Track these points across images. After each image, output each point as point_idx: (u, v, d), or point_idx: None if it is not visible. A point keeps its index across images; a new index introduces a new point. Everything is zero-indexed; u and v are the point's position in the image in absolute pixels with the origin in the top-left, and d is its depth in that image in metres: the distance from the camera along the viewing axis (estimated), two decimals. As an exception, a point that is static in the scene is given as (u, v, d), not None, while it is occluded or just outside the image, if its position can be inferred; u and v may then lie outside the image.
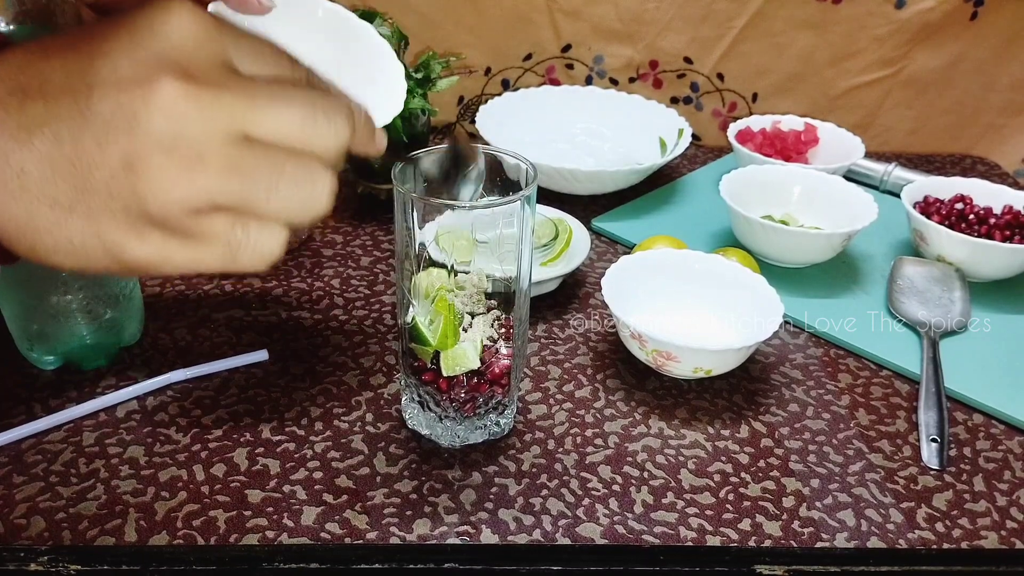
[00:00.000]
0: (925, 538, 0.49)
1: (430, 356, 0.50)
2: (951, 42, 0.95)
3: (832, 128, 0.88)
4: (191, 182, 0.29)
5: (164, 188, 0.29)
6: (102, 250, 0.30)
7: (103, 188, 0.29)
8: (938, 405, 0.58)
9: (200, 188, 0.29)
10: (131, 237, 0.30)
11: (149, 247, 0.30)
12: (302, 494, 0.50)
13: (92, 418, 0.54)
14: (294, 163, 0.31)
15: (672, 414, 0.58)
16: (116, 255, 0.31)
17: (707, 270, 0.64)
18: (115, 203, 0.29)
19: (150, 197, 0.29)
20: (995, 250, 0.70)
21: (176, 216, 0.30)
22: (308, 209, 0.32)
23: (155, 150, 0.29)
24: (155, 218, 0.30)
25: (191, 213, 0.30)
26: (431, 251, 0.48)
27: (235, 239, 0.31)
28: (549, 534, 0.48)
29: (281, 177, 0.31)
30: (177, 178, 0.29)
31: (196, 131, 0.29)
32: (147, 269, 0.31)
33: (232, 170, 0.30)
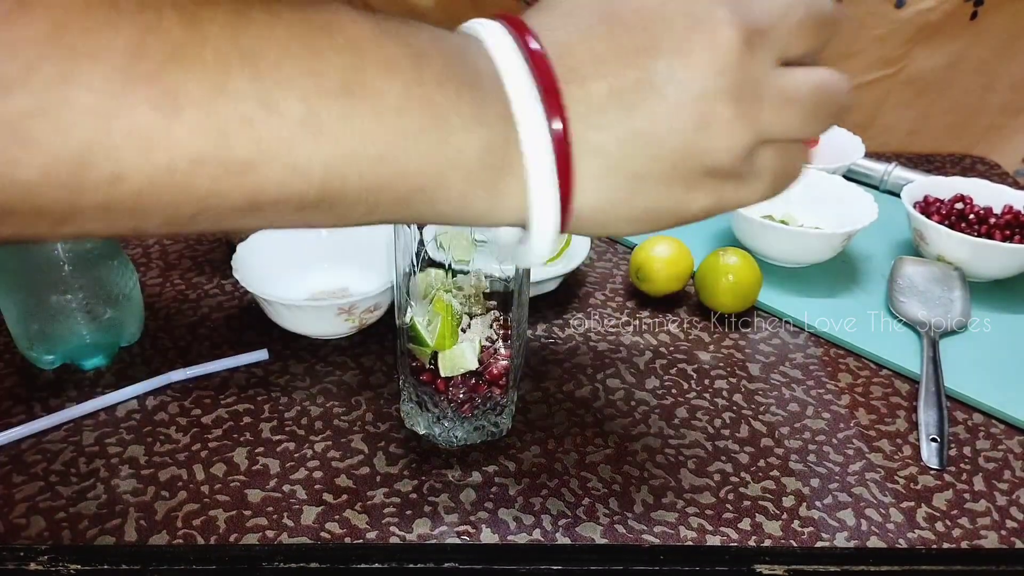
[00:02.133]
0: (925, 538, 0.49)
1: (428, 356, 0.50)
2: (951, 42, 0.95)
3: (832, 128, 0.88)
4: (754, 125, 0.30)
5: (730, 138, 0.29)
6: (668, 211, 0.31)
7: (677, 152, 0.30)
8: (938, 405, 0.58)
9: (760, 129, 0.30)
10: (695, 192, 0.31)
11: (708, 197, 0.31)
12: (302, 494, 0.50)
13: (92, 418, 0.55)
14: (824, 79, 0.32)
15: (672, 414, 0.58)
16: (679, 213, 0.31)
17: None
18: (686, 163, 0.30)
19: (719, 149, 0.30)
20: (995, 250, 0.70)
21: (736, 161, 0.30)
22: (832, 118, 0.33)
23: (722, 103, 0.29)
24: (717, 169, 0.30)
25: (747, 155, 0.30)
26: (430, 251, 0.48)
27: (780, 168, 0.32)
28: (549, 534, 0.48)
29: (817, 98, 0.31)
30: (741, 125, 0.29)
31: (753, 73, 0.29)
32: (700, 218, 0.32)
33: (787, 102, 0.30)
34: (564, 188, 0.29)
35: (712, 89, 0.29)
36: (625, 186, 0.30)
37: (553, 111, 0.28)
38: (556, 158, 0.29)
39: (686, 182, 0.30)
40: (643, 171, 0.30)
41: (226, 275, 0.70)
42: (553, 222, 0.30)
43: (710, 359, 0.63)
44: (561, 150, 0.29)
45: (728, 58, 0.29)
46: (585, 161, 0.29)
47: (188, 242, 0.75)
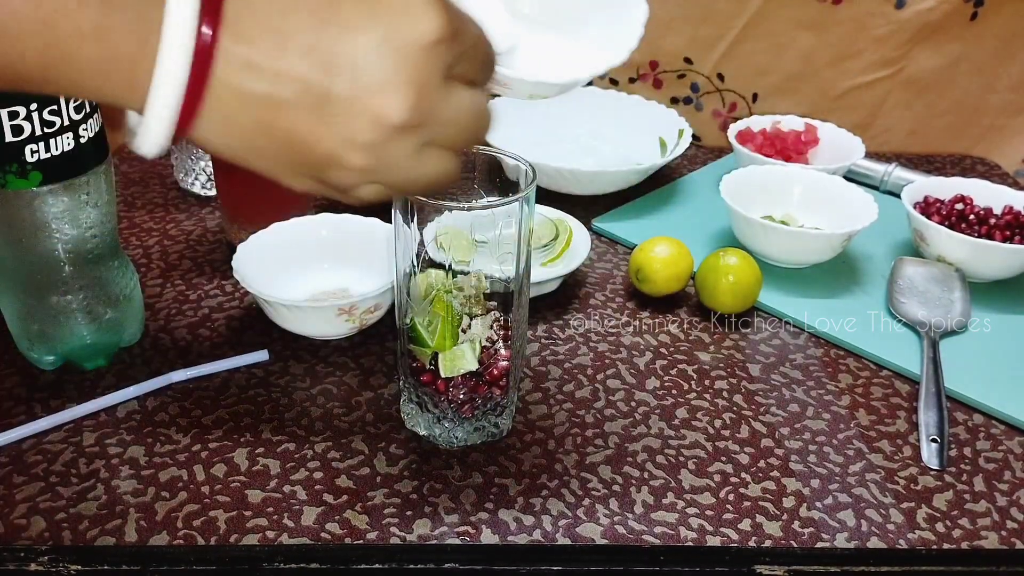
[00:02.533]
0: (925, 538, 0.49)
1: (428, 357, 0.50)
2: (951, 42, 0.95)
3: (832, 128, 0.88)
4: (372, 178, 0.33)
5: (350, 179, 0.33)
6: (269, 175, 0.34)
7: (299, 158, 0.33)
8: (938, 405, 0.58)
9: (376, 182, 0.34)
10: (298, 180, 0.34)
11: (307, 187, 0.34)
12: (302, 494, 0.50)
13: (92, 418, 0.55)
14: (447, 166, 0.35)
15: (672, 414, 0.58)
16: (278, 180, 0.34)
17: None
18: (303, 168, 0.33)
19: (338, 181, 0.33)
20: (995, 250, 0.70)
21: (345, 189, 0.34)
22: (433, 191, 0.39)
23: (360, 157, 0.32)
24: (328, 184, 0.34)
25: (358, 187, 0.34)
26: (430, 251, 0.48)
27: (373, 199, 0.35)
28: (549, 534, 0.48)
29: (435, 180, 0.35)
30: (364, 177, 0.33)
31: (397, 149, 0.32)
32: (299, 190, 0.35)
33: (406, 175, 0.34)
34: (192, 101, 0.30)
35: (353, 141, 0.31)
36: (240, 149, 0.32)
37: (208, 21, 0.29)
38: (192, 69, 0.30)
39: (297, 174, 0.33)
40: (268, 152, 0.32)
41: (226, 276, 0.70)
42: (164, 132, 0.31)
43: (710, 360, 0.63)
44: (201, 63, 0.30)
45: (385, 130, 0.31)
46: (214, 117, 0.31)
47: (188, 243, 0.75)
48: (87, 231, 0.54)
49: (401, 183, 0.35)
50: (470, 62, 0.34)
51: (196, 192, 0.82)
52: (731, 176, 0.77)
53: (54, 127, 0.48)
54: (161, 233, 0.76)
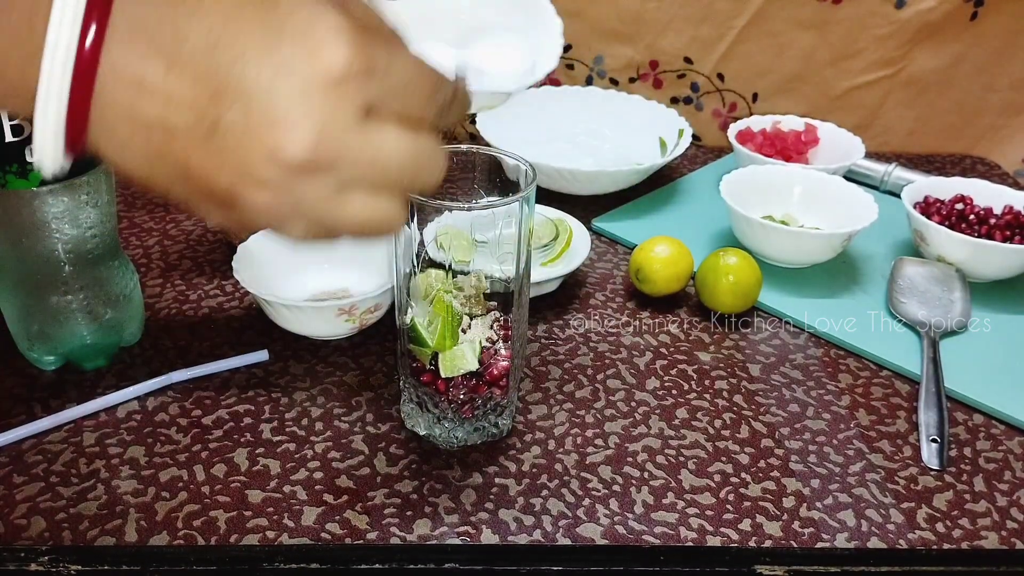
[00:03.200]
0: (925, 538, 0.49)
1: (428, 357, 0.50)
2: (951, 42, 0.95)
3: (832, 128, 0.88)
4: (282, 220, 0.31)
5: (258, 219, 0.31)
6: (185, 209, 0.33)
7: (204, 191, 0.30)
8: (938, 405, 0.58)
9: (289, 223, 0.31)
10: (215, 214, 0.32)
11: (229, 222, 0.32)
12: (302, 494, 0.50)
13: (92, 418, 0.55)
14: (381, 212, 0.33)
15: (672, 414, 0.58)
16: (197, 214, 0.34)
17: None
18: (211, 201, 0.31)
19: (246, 218, 0.31)
20: (995, 250, 0.70)
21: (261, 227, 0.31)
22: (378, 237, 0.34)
23: (260, 195, 0.30)
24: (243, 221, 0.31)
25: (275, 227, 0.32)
26: (430, 251, 0.48)
27: (307, 239, 0.32)
28: (549, 534, 0.48)
29: (366, 226, 0.33)
30: (272, 216, 0.31)
31: (302, 192, 0.30)
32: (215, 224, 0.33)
33: (323, 218, 0.31)
34: (78, 118, 0.29)
35: (256, 179, 0.29)
36: (145, 177, 0.30)
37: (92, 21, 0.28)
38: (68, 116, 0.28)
39: (209, 207, 0.31)
40: (161, 177, 0.30)
41: (226, 276, 0.70)
42: (52, 149, 0.29)
43: (710, 360, 0.63)
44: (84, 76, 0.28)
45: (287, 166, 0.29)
46: (108, 141, 0.29)
47: (188, 243, 0.75)
48: (87, 231, 0.54)
49: (327, 225, 0.32)
50: (402, 99, 0.31)
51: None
52: (731, 176, 0.77)
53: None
54: (161, 233, 0.76)
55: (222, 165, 0.29)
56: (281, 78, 0.28)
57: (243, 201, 0.30)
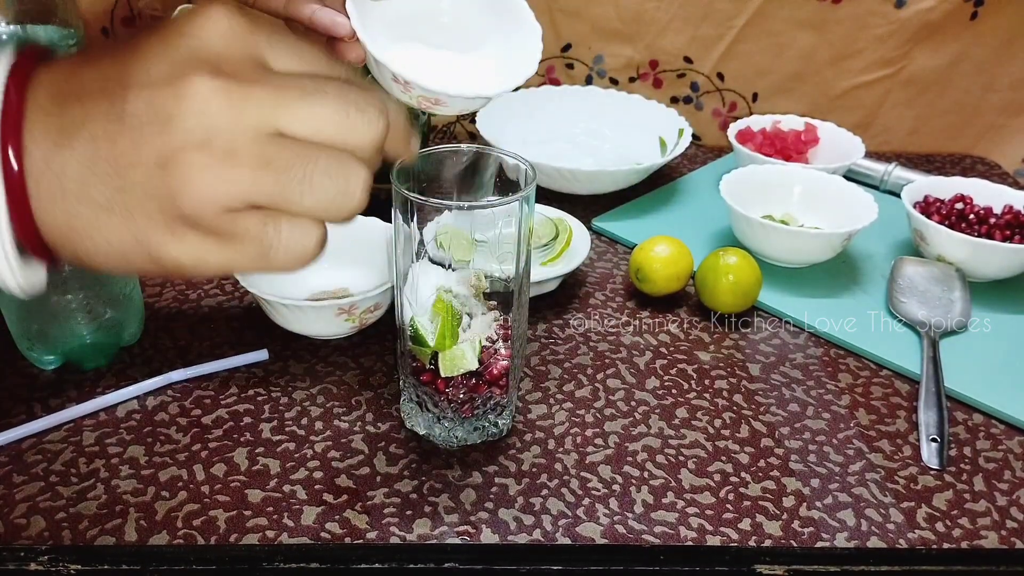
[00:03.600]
0: (925, 538, 0.49)
1: (428, 357, 0.50)
2: (951, 42, 0.95)
3: (832, 128, 0.88)
4: (223, 178, 0.29)
5: (197, 185, 0.29)
6: (141, 250, 0.31)
7: (140, 188, 0.30)
8: (938, 405, 0.58)
9: (232, 184, 0.30)
10: (168, 237, 0.30)
11: (185, 247, 0.31)
12: (302, 494, 0.50)
13: (92, 418, 0.55)
14: (327, 158, 0.31)
15: (672, 414, 0.58)
16: (154, 255, 0.31)
17: None
18: (151, 203, 0.30)
19: (184, 194, 0.29)
20: (995, 250, 0.70)
21: (210, 214, 0.30)
22: (342, 205, 0.32)
23: (188, 147, 0.29)
24: (189, 217, 0.30)
25: (225, 211, 0.30)
26: (430, 251, 0.48)
27: (268, 237, 0.31)
28: (549, 534, 0.48)
29: (314, 172, 0.31)
30: (209, 175, 0.29)
31: (227, 127, 0.29)
32: (184, 270, 0.31)
33: (264, 165, 0.30)
34: (19, 212, 0.30)
35: (178, 130, 0.29)
36: (88, 214, 0.30)
37: (8, 138, 0.29)
38: (6, 189, 0.29)
39: (160, 224, 0.30)
40: (107, 201, 0.30)
41: (226, 275, 0.70)
42: (9, 254, 0.30)
43: (710, 359, 0.63)
44: (12, 181, 0.29)
45: (202, 106, 0.29)
46: (46, 184, 0.30)
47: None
48: (87, 231, 0.54)
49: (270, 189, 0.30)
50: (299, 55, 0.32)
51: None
52: (731, 176, 0.77)
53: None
54: (161, 233, 0.76)
55: (143, 137, 0.29)
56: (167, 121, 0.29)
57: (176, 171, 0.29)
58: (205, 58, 0.30)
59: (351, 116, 0.31)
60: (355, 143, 0.32)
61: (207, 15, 0.30)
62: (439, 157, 0.50)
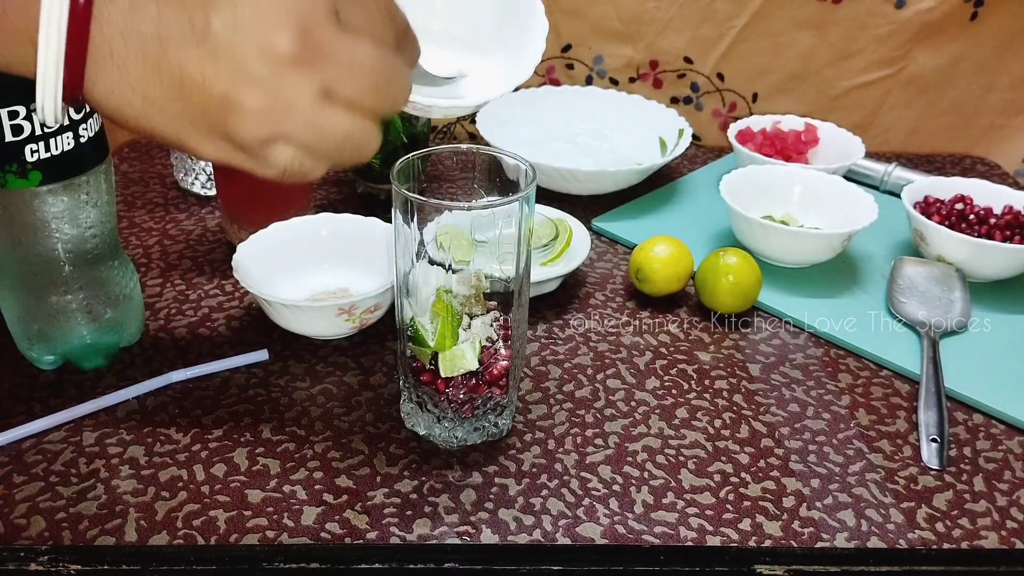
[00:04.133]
0: (925, 538, 0.49)
1: (428, 357, 0.50)
2: (951, 42, 0.95)
3: (832, 128, 0.88)
4: (275, 127, 0.34)
5: (251, 128, 0.33)
6: (177, 140, 0.35)
7: (197, 107, 0.33)
8: (938, 405, 0.58)
9: (281, 132, 0.34)
10: (207, 142, 0.34)
11: (219, 152, 0.35)
12: (302, 494, 0.50)
13: (92, 418, 0.55)
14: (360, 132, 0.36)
15: (672, 414, 0.58)
16: (189, 147, 0.35)
17: None
18: (203, 121, 0.33)
19: (238, 131, 0.33)
20: (995, 250, 0.70)
21: (249, 144, 0.34)
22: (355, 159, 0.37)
23: (254, 96, 0.32)
24: (231, 138, 0.34)
25: (262, 145, 0.34)
26: (430, 251, 0.48)
27: (292, 167, 0.36)
28: (549, 534, 0.48)
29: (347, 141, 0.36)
30: (264, 123, 0.33)
31: (293, 89, 0.33)
32: (210, 160, 0.36)
33: (311, 126, 0.34)
34: (74, 74, 0.32)
35: (249, 80, 0.32)
36: (139, 105, 0.33)
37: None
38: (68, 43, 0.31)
39: (203, 132, 0.34)
40: (161, 102, 0.33)
41: (226, 275, 0.70)
42: (52, 101, 0.33)
43: (710, 359, 0.63)
44: (77, 34, 0.31)
45: (277, 65, 0.32)
46: (104, 66, 0.32)
47: (188, 243, 0.75)
48: (87, 231, 0.54)
49: (309, 139, 0.35)
50: (366, 13, 0.35)
51: (196, 192, 0.82)
52: (731, 176, 0.77)
53: (54, 127, 0.48)
54: (161, 233, 0.76)
55: (216, 69, 0.32)
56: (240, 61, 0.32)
57: (237, 109, 0.33)
58: (293, 10, 0.32)
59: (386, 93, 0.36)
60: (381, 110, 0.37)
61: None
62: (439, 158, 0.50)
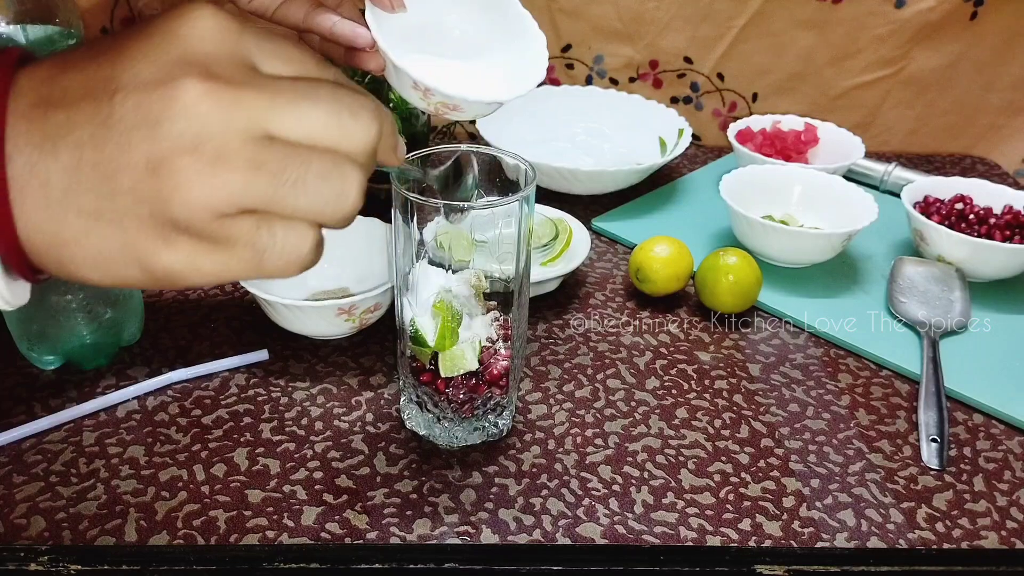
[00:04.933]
0: (925, 538, 0.49)
1: (428, 357, 0.50)
2: (951, 42, 0.95)
3: (832, 128, 0.88)
4: (214, 182, 0.28)
5: (188, 189, 0.28)
6: (132, 259, 0.30)
7: (129, 193, 0.29)
8: (938, 405, 0.58)
9: (223, 188, 0.29)
10: (159, 244, 0.29)
11: (177, 254, 0.30)
12: (302, 494, 0.50)
13: (92, 418, 0.55)
14: (320, 160, 0.30)
15: (672, 414, 0.58)
16: (145, 264, 0.30)
17: None
18: (142, 208, 0.29)
19: (175, 199, 0.28)
20: (995, 250, 0.70)
21: (201, 220, 0.29)
22: (337, 207, 0.31)
23: (178, 151, 0.28)
24: (181, 223, 0.29)
25: (216, 216, 0.29)
26: (430, 251, 0.48)
27: (261, 241, 0.30)
28: (549, 534, 0.48)
29: (307, 174, 0.30)
30: (200, 179, 0.28)
31: (218, 130, 0.28)
32: (176, 278, 0.30)
33: (256, 168, 0.29)
34: (1, 224, 0.29)
35: (168, 134, 0.28)
36: (76, 223, 0.29)
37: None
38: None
39: (151, 231, 0.29)
40: (95, 208, 0.29)
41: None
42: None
43: (710, 359, 0.63)
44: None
45: (191, 109, 0.28)
46: (31, 193, 0.28)
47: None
48: (87, 231, 0.54)
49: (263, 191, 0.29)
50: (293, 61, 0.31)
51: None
52: (731, 176, 0.77)
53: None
54: (161, 233, 0.76)
55: (130, 141, 0.28)
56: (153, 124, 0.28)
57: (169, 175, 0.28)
58: (193, 59, 0.29)
59: (344, 120, 0.31)
60: (349, 147, 0.31)
61: (194, 14, 0.30)
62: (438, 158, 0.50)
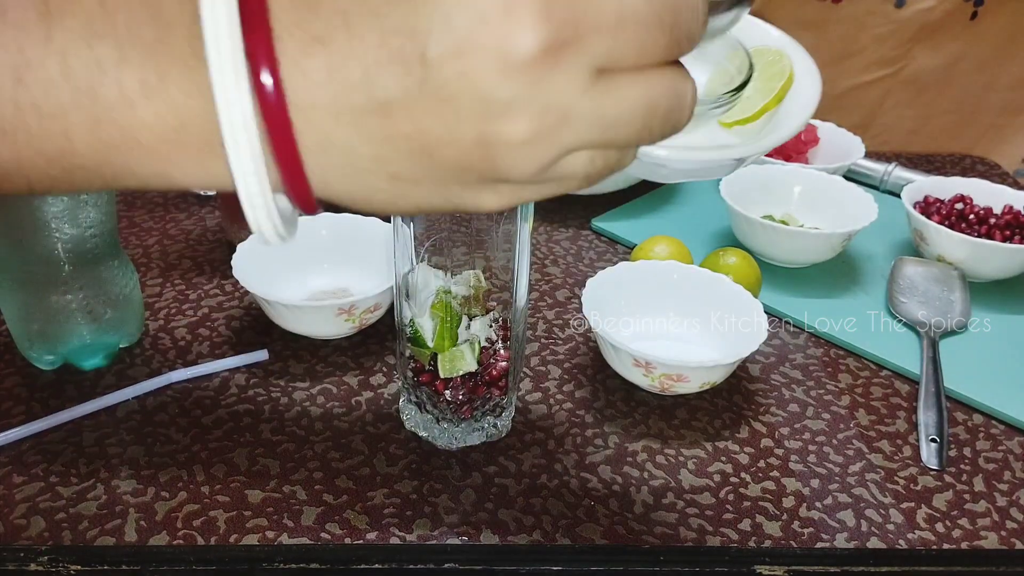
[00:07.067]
0: (925, 538, 0.49)
1: (427, 358, 0.50)
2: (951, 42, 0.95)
3: (832, 128, 0.88)
4: (555, 146, 0.25)
5: (527, 161, 0.25)
6: (451, 205, 0.27)
7: (453, 163, 0.25)
8: (938, 405, 0.58)
9: (564, 147, 0.25)
10: (486, 194, 0.27)
11: (505, 198, 0.27)
12: (302, 494, 0.50)
13: (92, 418, 0.54)
14: (667, 98, 0.26)
15: (672, 414, 0.58)
16: (468, 208, 0.27)
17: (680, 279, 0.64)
18: (468, 174, 0.26)
19: (514, 170, 0.25)
20: (995, 250, 0.70)
21: (536, 175, 0.26)
22: (671, 127, 0.27)
23: (515, 124, 0.24)
24: (512, 179, 0.26)
25: (551, 166, 0.26)
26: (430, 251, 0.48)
27: (593, 171, 0.27)
28: (549, 535, 0.48)
29: (654, 121, 0.26)
30: (541, 147, 0.25)
31: (559, 90, 0.24)
32: (494, 211, 0.28)
33: (597, 121, 0.25)
34: (290, 169, 0.25)
35: (498, 104, 0.24)
36: (387, 187, 0.26)
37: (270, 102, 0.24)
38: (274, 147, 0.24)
39: (475, 185, 0.26)
40: (410, 175, 0.26)
41: (226, 275, 0.70)
42: (267, 221, 0.27)
43: (710, 359, 0.63)
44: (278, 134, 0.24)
45: (528, 74, 0.23)
46: (327, 157, 0.25)
47: (188, 242, 0.75)
48: (87, 231, 0.54)
49: (600, 135, 0.25)
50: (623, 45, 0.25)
51: (196, 192, 0.82)
52: (731, 176, 0.77)
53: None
54: (161, 233, 0.76)
55: (456, 113, 0.24)
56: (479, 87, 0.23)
57: (501, 148, 0.25)
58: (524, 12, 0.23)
59: (677, 29, 0.25)
60: (680, 52, 0.26)
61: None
62: None
